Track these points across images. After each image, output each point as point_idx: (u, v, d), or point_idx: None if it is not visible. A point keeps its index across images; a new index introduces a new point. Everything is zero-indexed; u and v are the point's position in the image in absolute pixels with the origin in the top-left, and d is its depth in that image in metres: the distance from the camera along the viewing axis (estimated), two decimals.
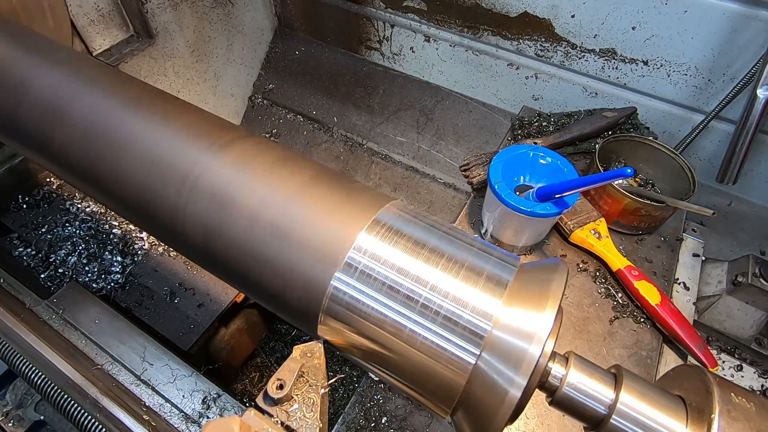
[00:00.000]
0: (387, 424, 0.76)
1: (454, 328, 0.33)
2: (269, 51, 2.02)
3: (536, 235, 0.97)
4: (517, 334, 0.32)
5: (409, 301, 0.34)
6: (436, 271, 0.35)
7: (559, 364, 0.38)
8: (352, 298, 0.36)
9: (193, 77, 1.73)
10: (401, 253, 0.36)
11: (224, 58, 1.83)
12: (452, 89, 1.71)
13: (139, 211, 0.50)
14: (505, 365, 0.32)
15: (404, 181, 1.82)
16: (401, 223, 0.38)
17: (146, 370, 0.88)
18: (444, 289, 0.34)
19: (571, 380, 0.37)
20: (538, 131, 1.23)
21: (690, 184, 1.02)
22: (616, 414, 0.35)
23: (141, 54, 1.49)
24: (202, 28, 1.68)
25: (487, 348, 0.33)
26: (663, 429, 0.34)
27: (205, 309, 1.08)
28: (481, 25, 1.47)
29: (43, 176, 1.25)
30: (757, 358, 1.11)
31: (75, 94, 0.55)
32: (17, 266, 1.11)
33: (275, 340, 1.71)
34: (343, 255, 0.36)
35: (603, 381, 0.37)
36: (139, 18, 1.45)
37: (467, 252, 0.37)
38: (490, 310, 0.33)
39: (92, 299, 0.98)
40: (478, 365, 0.33)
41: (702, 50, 1.18)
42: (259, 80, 2.03)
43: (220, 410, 0.85)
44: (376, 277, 0.35)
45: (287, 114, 1.99)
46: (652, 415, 0.35)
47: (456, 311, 0.34)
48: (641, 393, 0.36)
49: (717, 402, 0.32)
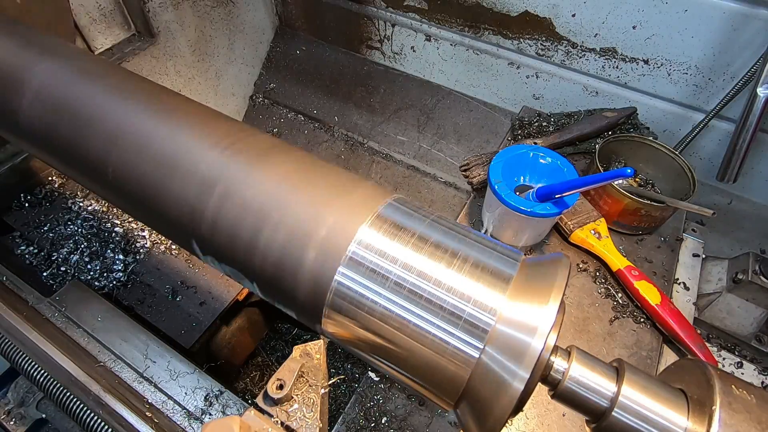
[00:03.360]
0: (387, 424, 0.76)
1: (457, 322, 0.34)
2: (270, 50, 2.02)
3: (536, 235, 0.97)
4: (520, 328, 0.32)
5: (413, 295, 0.35)
6: (440, 266, 0.35)
7: (561, 358, 0.38)
8: (356, 293, 0.36)
9: (195, 76, 1.73)
10: (405, 248, 0.36)
11: (225, 58, 1.84)
12: (453, 88, 1.71)
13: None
14: (509, 359, 0.32)
15: (405, 180, 1.82)
16: (404, 218, 0.38)
17: (149, 367, 0.88)
18: (448, 284, 0.35)
19: (573, 374, 0.37)
20: (538, 131, 1.24)
21: (690, 184, 1.03)
22: (618, 407, 0.36)
23: (142, 53, 1.49)
24: (203, 28, 1.68)
25: (491, 342, 0.33)
26: (664, 421, 0.34)
27: (207, 307, 1.08)
28: (482, 24, 1.47)
29: (45, 175, 1.25)
30: (758, 356, 1.11)
31: (77, 86, 0.56)
32: (19, 264, 1.11)
33: (276, 339, 1.71)
34: (346, 250, 0.36)
35: (605, 374, 0.37)
36: (141, 17, 1.45)
37: (471, 247, 0.37)
38: (493, 304, 0.34)
39: (95, 297, 0.99)
40: (482, 359, 0.33)
41: (702, 49, 1.19)
42: (260, 79, 2.03)
43: (223, 407, 0.86)
44: (380, 272, 0.36)
45: (288, 113, 2.00)
46: (654, 407, 0.35)
47: (460, 306, 0.34)
48: (643, 386, 0.36)
49: (718, 394, 0.33)
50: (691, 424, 0.33)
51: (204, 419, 0.85)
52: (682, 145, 1.29)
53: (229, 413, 0.86)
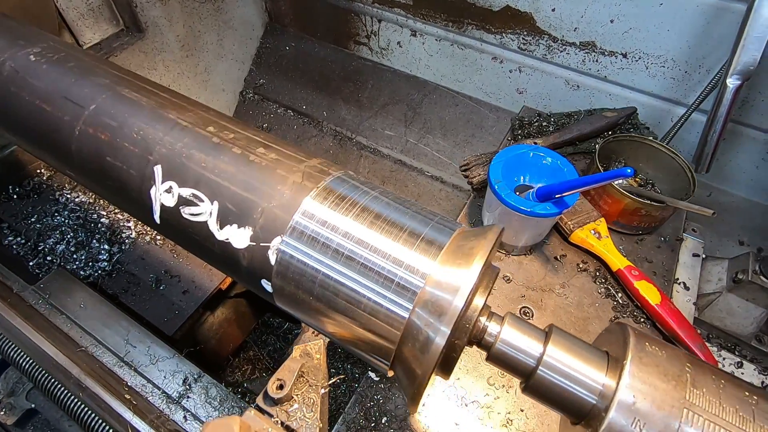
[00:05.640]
0: (387, 424, 0.76)
1: (390, 285, 0.36)
2: (260, 47, 2.04)
3: (536, 235, 0.97)
4: (445, 289, 0.34)
5: (351, 261, 0.37)
6: (378, 234, 0.37)
7: (495, 322, 0.41)
8: (298, 260, 0.38)
9: (184, 71, 1.75)
10: (346, 218, 0.38)
11: (215, 54, 1.86)
12: (439, 83, 1.73)
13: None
14: (433, 317, 0.34)
15: (392, 174, 1.84)
16: (349, 190, 0.40)
17: (129, 352, 0.90)
18: (383, 251, 0.37)
19: (504, 336, 0.39)
20: (538, 131, 1.23)
21: (690, 184, 1.02)
22: (543, 365, 0.38)
23: (131, 48, 1.51)
24: (192, 23, 1.70)
25: (419, 303, 0.35)
26: (584, 378, 0.36)
27: (190, 295, 1.10)
28: (465, 19, 1.50)
29: (34, 167, 1.27)
30: (758, 355, 1.11)
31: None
32: (6, 254, 1.13)
33: (267, 333, 1.73)
34: (291, 220, 0.38)
35: (534, 337, 0.40)
36: (129, 12, 1.47)
37: (410, 218, 0.39)
38: (424, 269, 0.36)
39: (78, 285, 1.01)
40: (411, 319, 0.35)
41: (678, 42, 1.21)
42: (250, 75, 2.05)
43: (202, 389, 0.87)
44: (321, 240, 0.38)
45: (278, 109, 2.02)
46: (575, 365, 0.37)
47: (393, 270, 0.36)
48: (567, 347, 0.38)
49: (630, 350, 0.35)
50: (608, 379, 0.35)
51: (182, 402, 0.87)
52: (666, 139, 1.30)
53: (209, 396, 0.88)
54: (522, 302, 0.94)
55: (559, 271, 0.99)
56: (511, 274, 0.97)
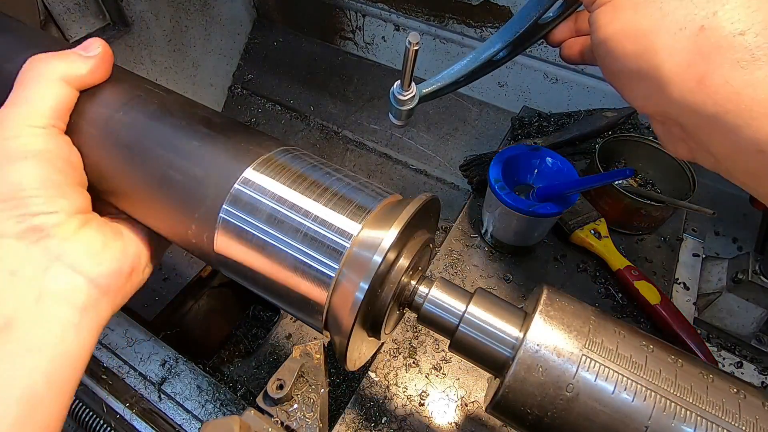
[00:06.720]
0: (387, 424, 0.76)
1: (318, 247, 0.38)
2: (248, 42, 2.06)
3: (536, 235, 0.96)
4: (367, 248, 0.37)
5: (283, 225, 0.39)
6: (310, 200, 0.40)
7: (425, 285, 0.43)
8: (236, 227, 0.40)
9: (171, 66, 1.77)
10: (282, 186, 0.40)
11: (202, 48, 1.88)
12: (423, 78, 1.74)
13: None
14: (355, 274, 0.36)
15: (378, 167, 1.86)
16: (289, 161, 0.43)
17: (106, 335, 0.93)
18: (315, 214, 0.39)
19: (431, 297, 0.42)
20: (538, 131, 1.22)
21: (690, 184, 1.01)
22: (464, 323, 0.40)
23: (117, 42, 1.53)
24: (178, 18, 1.72)
25: (346, 263, 0.37)
26: (499, 332, 0.39)
27: (170, 282, 1.13)
28: (446, 13, 1.52)
29: None
30: (758, 355, 1.10)
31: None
32: None
33: (258, 327, 1.75)
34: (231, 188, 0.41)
35: (459, 298, 0.42)
36: (115, 6, 1.49)
37: (344, 186, 0.41)
38: (350, 230, 0.38)
39: None
40: (338, 279, 0.38)
41: None
42: (238, 70, 2.07)
43: (179, 372, 0.90)
44: (257, 206, 0.40)
45: (266, 103, 2.04)
46: (493, 322, 0.40)
47: (322, 232, 0.38)
48: (488, 307, 0.41)
49: (540, 304, 0.37)
50: (521, 333, 0.38)
51: (162, 386, 0.89)
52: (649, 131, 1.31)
53: (185, 379, 0.90)
54: (522, 302, 0.94)
55: (558, 271, 0.99)
56: (510, 274, 0.98)
